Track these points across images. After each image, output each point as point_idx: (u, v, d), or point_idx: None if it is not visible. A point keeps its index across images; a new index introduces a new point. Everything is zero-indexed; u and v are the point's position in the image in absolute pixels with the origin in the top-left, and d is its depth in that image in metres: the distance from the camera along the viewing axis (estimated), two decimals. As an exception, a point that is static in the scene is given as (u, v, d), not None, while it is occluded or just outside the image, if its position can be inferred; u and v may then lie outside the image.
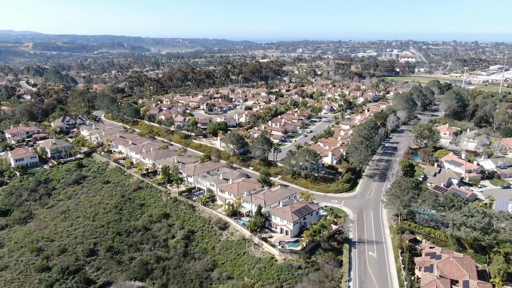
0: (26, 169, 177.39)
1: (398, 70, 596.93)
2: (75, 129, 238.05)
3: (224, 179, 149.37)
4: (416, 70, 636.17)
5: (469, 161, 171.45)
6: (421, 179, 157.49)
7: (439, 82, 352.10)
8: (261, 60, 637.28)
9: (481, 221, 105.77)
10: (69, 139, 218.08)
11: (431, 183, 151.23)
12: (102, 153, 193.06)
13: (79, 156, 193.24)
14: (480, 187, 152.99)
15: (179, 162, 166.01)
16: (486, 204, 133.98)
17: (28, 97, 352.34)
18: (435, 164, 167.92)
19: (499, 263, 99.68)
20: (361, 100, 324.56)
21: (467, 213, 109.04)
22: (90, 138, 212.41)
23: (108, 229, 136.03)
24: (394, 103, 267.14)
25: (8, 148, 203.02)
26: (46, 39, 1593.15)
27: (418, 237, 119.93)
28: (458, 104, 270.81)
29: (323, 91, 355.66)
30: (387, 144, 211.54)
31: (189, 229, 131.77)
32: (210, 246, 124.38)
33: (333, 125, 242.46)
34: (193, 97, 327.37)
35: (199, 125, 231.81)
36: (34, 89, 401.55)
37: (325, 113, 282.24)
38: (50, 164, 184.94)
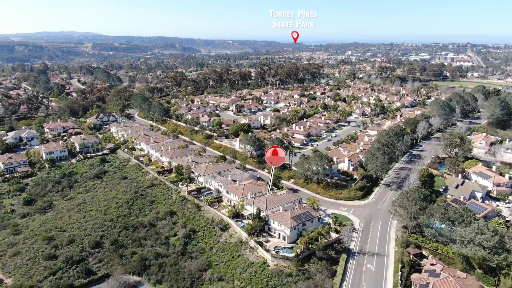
0: (54, 162, 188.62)
1: (447, 74, 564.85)
2: (107, 126, 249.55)
3: (232, 180, 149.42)
4: (469, 74, 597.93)
5: (501, 174, 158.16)
6: (441, 190, 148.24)
7: (484, 88, 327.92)
8: (305, 62, 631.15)
9: (491, 240, 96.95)
10: (99, 135, 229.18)
11: (451, 195, 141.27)
12: (126, 149, 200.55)
13: (105, 151, 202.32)
14: (508, 203, 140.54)
15: (193, 161, 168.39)
16: (508, 221, 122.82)
17: (75, 94, 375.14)
18: (459, 176, 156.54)
19: (506, 286, 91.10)
20: (397, 105, 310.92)
21: (476, 230, 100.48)
22: (117, 135, 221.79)
23: (117, 223, 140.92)
24: (430, 109, 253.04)
25: (44, 142, 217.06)
26: (105, 40, 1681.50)
27: (424, 252, 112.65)
28: (502, 112, 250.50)
29: (359, 95, 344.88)
30: (414, 152, 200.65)
31: (191, 228, 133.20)
32: (208, 246, 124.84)
33: (360, 130, 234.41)
34: (226, 98, 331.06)
35: (223, 125, 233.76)
36: (83, 87, 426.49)
37: (355, 117, 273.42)
38: (78, 158, 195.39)
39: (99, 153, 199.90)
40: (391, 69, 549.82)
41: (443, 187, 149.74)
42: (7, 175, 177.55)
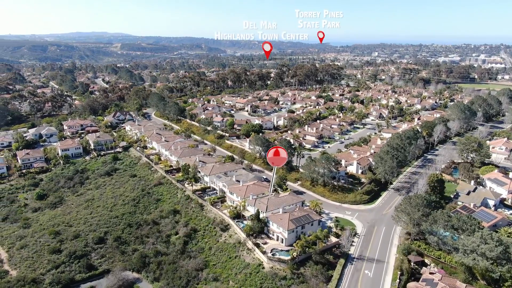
0: (69, 159, 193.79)
1: (475, 76, 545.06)
2: (123, 125, 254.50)
3: (236, 180, 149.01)
4: (499, 77, 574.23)
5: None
6: (452, 196, 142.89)
7: (511, 91, 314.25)
8: (326, 63, 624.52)
9: (494, 250, 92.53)
10: (114, 133, 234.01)
11: (462, 202, 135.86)
12: (138, 148, 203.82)
13: (118, 149, 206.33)
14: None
15: (200, 161, 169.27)
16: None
17: (98, 93, 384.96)
18: (473, 182, 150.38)
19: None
20: (417, 107, 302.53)
21: (480, 239, 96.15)
22: (131, 133, 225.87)
23: (121, 220, 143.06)
24: (449, 112, 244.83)
25: (62, 139, 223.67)
26: (133, 40, 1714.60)
27: (426, 260, 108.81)
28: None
29: (379, 97, 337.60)
30: (429, 156, 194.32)
31: (193, 227, 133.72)
32: (208, 246, 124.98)
33: (375, 133, 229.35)
34: (242, 98, 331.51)
35: (236, 126, 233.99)
36: (106, 86, 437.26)
37: (372, 119, 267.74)
38: (91, 156, 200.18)
39: (112, 151, 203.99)
40: (416, 71, 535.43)
41: (454, 193, 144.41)
42: (24, 170, 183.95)
